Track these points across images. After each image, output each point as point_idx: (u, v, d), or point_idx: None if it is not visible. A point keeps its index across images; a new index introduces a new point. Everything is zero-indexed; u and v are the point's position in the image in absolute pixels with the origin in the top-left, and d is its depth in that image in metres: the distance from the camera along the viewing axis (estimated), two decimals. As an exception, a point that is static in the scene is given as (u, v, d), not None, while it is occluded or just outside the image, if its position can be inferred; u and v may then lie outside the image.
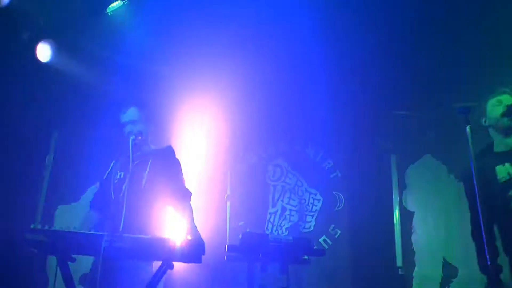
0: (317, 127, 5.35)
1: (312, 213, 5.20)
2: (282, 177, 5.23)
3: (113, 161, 3.03)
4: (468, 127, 2.29)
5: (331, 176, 5.35)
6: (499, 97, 2.54)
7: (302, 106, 5.29)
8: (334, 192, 5.28)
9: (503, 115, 2.45)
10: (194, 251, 2.24)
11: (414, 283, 5.08)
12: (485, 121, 2.60)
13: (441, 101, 5.05)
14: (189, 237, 2.29)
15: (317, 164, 5.37)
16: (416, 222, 5.29)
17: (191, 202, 2.90)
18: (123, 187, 2.65)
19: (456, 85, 4.70)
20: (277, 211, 5.11)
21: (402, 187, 5.39)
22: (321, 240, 5.12)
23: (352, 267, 5.07)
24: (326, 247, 5.08)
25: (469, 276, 5.01)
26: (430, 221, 5.28)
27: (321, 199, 5.24)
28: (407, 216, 5.31)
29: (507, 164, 2.38)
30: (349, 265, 5.08)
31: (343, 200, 5.24)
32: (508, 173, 2.36)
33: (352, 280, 5.03)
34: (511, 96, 2.51)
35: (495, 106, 2.52)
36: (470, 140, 2.28)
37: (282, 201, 5.16)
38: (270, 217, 5.09)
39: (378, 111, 5.43)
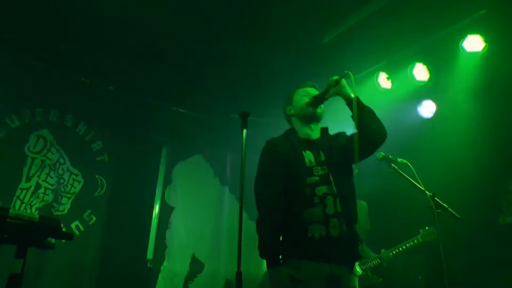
0: (91, 105, 5.09)
1: (69, 195, 4.82)
2: (44, 151, 4.72)
3: None
4: (244, 130, 2.52)
5: (98, 159, 5.11)
6: (307, 89, 2.84)
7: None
8: (97, 176, 5.04)
9: (309, 104, 2.72)
10: None
11: (160, 276, 5.23)
12: (290, 110, 2.86)
13: (220, 105, 5.52)
14: None
15: (85, 144, 5.05)
16: (174, 217, 5.51)
17: None
18: None
19: (234, 91, 5.18)
20: (30, 187, 4.55)
21: (168, 181, 5.57)
22: (73, 225, 4.78)
23: (102, 256, 4.89)
24: (78, 233, 4.78)
25: (212, 272, 5.49)
26: (188, 218, 5.60)
27: (82, 181, 4.93)
28: (166, 210, 5.49)
29: (308, 152, 2.63)
30: (98, 254, 4.87)
31: (105, 186, 5.06)
32: (310, 161, 2.60)
33: (99, 270, 4.83)
34: (316, 89, 2.86)
35: (302, 96, 2.80)
36: (244, 143, 2.49)
37: (39, 177, 4.63)
38: (21, 193, 4.49)
39: (157, 104, 5.55)
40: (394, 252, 4.14)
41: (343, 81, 2.64)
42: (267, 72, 3.64)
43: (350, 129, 2.77)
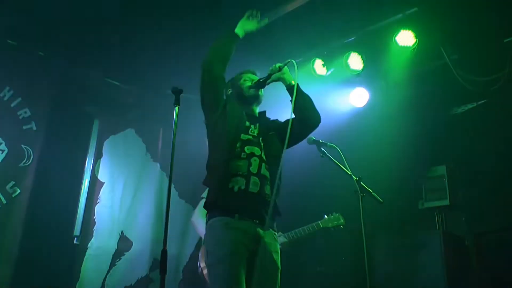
0: (18, 70, 4.90)
1: (-10, 165, 4.64)
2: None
3: None
4: (176, 107, 2.62)
5: (24, 127, 4.93)
6: (249, 75, 3.13)
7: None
8: (23, 146, 4.87)
9: (251, 87, 3.02)
10: None
11: (87, 253, 5.19)
12: (229, 91, 3.13)
13: (155, 80, 5.50)
14: None
15: (11, 110, 4.86)
16: (104, 193, 5.46)
17: None
18: None
19: (170, 66, 5.17)
20: None
21: (98, 155, 5.49)
22: (-6, 196, 4.62)
23: (24, 231, 4.74)
24: (-1, 206, 4.62)
25: (140, 250, 5.51)
26: (118, 195, 5.56)
27: (6, 150, 4.74)
28: (96, 185, 5.42)
29: (248, 121, 2.92)
30: (20, 230, 4.71)
31: (32, 157, 4.91)
32: (249, 124, 2.91)
33: (21, 246, 4.69)
34: (256, 75, 3.17)
35: (245, 81, 3.08)
36: (175, 121, 2.59)
37: (-45, 143, 4.43)
38: None
39: (91, 73, 5.44)
40: (291, 236, 4.35)
41: (286, 68, 2.94)
42: (204, 51, 3.67)
43: (285, 116, 2.98)
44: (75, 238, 5.17)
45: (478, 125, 4.72)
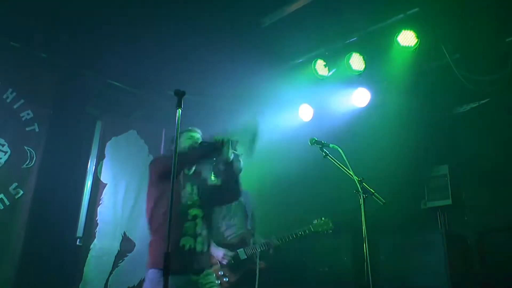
0: (21, 72, 4.92)
1: (-6, 167, 4.67)
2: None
3: None
4: (179, 110, 2.63)
5: (27, 129, 4.96)
6: (191, 133, 3.42)
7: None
8: (26, 147, 4.90)
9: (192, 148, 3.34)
10: None
11: (90, 254, 5.21)
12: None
13: (157, 81, 5.52)
14: None
15: (14, 112, 4.88)
16: (106, 194, 5.49)
17: None
18: None
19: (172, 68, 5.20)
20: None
21: (101, 157, 5.52)
22: (-3, 198, 4.65)
23: (28, 233, 4.76)
24: (2, 207, 4.64)
25: (143, 251, 5.52)
26: (120, 196, 5.58)
27: (9, 152, 4.77)
28: (98, 186, 5.44)
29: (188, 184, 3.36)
30: (24, 231, 4.73)
31: (35, 158, 4.93)
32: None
33: (24, 247, 4.70)
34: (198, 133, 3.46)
35: (186, 139, 3.36)
36: (178, 123, 2.61)
37: (-42, 145, 4.46)
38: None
39: (93, 75, 5.47)
40: (283, 239, 4.51)
41: (227, 143, 3.23)
42: (207, 53, 3.74)
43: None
44: (78, 239, 5.20)
45: (481, 124, 4.74)
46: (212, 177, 3.64)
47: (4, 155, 4.75)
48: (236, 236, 4.63)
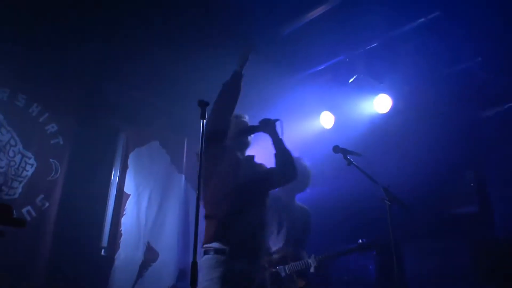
0: (45, 86, 5.04)
1: (20, 179, 4.78)
2: (-6, 132, 4.66)
3: None
4: (202, 121, 2.70)
5: (52, 141, 5.08)
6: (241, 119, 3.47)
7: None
8: (51, 160, 5.01)
9: (241, 132, 3.39)
10: None
11: (114, 265, 5.30)
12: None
13: (180, 91, 5.59)
14: None
15: (39, 126, 5.01)
16: (130, 205, 5.56)
17: None
18: None
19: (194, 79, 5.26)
20: (-26, 169, 4.49)
21: (124, 168, 5.60)
22: (24, 210, 4.75)
23: (54, 244, 4.87)
24: (29, 218, 4.75)
25: (166, 261, 5.59)
26: (143, 206, 5.66)
27: (35, 164, 4.90)
28: (122, 197, 5.52)
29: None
30: (50, 242, 4.84)
31: (60, 170, 5.04)
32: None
33: (51, 258, 4.80)
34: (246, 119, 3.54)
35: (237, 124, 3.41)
36: (202, 133, 2.66)
37: (-15, 159, 4.58)
38: (-36, 175, 4.42)
39: (115, 88, 5.56)
40: (322, 258, 4.24)
41: (275, 124, 3.28)
42: (227, 61, 3.76)
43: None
44: (103, 250, 5.27)
45: (507, 128, 4.67)
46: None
47: (31, 167, 4.88)
48: (280, 251, 4.38)
